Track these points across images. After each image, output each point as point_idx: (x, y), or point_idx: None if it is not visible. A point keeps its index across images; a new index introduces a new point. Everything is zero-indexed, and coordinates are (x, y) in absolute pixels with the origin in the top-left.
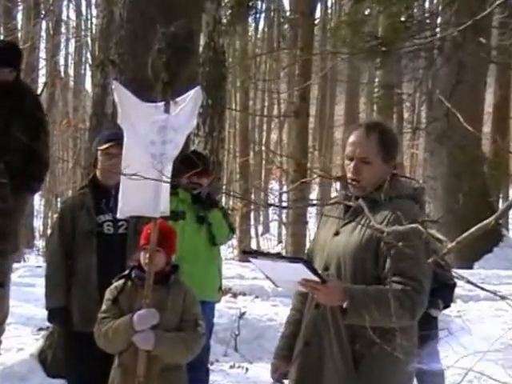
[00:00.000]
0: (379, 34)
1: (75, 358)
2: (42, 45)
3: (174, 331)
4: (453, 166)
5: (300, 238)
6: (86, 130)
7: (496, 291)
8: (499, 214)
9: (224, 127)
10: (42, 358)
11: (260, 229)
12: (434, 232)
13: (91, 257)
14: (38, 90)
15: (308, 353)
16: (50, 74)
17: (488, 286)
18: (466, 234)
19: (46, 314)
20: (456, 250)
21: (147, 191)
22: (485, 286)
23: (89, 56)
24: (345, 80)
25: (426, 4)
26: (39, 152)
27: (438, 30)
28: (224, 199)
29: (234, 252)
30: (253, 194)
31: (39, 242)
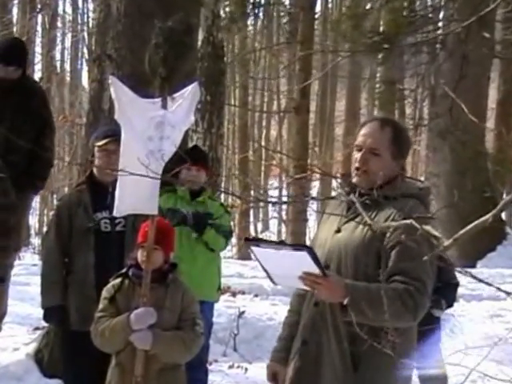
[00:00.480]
0: (381, 28)
1: (72, 357)
2: (38, 39)
3: (172, 330)
4: (456, 162)
5: (300, 236)
6: (82, 125)
7: (499, 288)
8: (497, 211)
9: (223, 123)
10: (38, 357)
11: (259, 226)
12: (429, 228)
13: (88, 255)
14: None
15: (306, 352)
16: (45, 69)
17: None
18: (463, 231)
19: (41, 313)
20: (454, 247)
21: (144, 188)
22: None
23: (85, 51)
24: (346, 75)
25: None
26: (44, 150)
27: (440, 25)
28: (223, 196)
29: (233, 250)
30: (252, 191)
31: (35, 240)
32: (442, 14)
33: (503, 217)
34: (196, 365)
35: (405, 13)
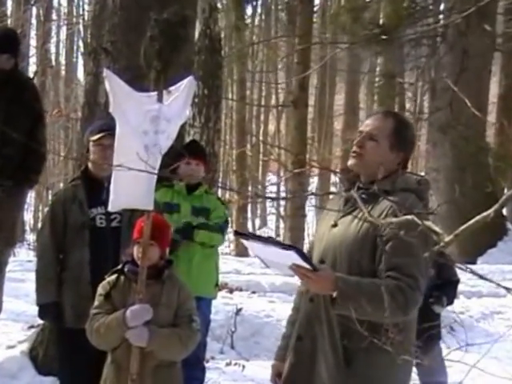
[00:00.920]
0: (380, 20)
1: (67, 355)
2: (33, 32)
3: (168, 327)
4: (456, 157)
5: (298, 231)
6: (77, 119)
7: (499, 284)
8: (498, 206)
9: (220, 117)
10: (32, 355)
11: (257, 222)
12: (430, 224)
13: (83, 251)
14: None
15: (300, 348)
16: (40, 63)
17: None
18: (464, 227)
19: (36, 309)
20: (455, 243)
21: (140, 184)
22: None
23: (81, 44)
24: (345, 69)
25: None
26: (38, 144)
27: (441, 17)
28: (220, 192)
29: (230, 246)
30: (249, 186)
31: (29, 236)
32: (442, 6)
33: (504, 212)
34: (193, 362)
35: (405, 4)
